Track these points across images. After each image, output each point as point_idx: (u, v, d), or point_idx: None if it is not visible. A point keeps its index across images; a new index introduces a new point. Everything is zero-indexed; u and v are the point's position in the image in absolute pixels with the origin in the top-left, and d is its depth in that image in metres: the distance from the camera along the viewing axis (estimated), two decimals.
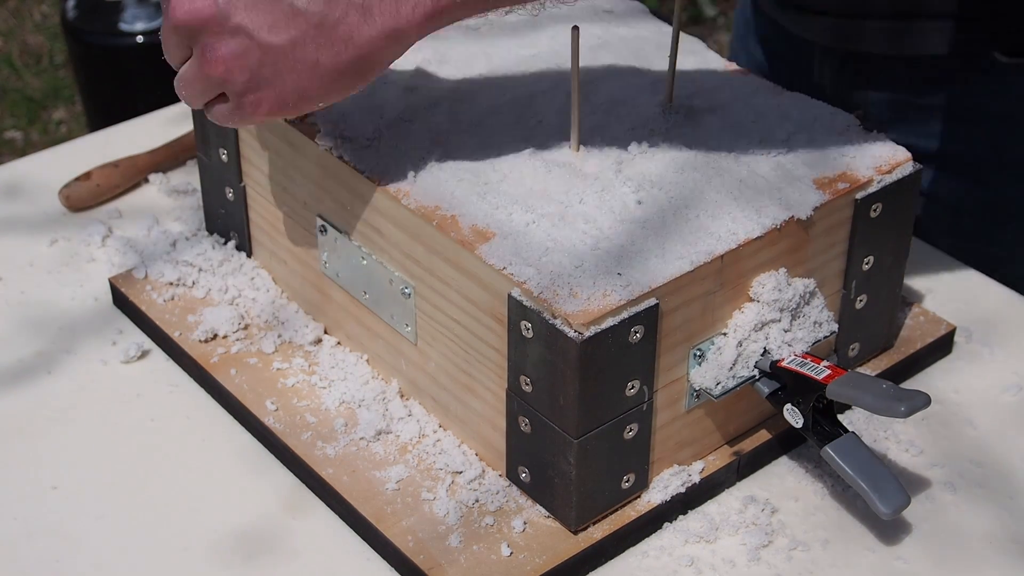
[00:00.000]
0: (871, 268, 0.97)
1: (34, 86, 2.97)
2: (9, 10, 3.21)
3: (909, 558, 0.90)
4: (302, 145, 0.98)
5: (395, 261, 0.93)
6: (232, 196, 1.08)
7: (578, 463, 0.85)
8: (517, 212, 0.88)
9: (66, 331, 1.08)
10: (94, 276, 1.12)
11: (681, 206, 0.88)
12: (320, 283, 1.02)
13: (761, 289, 0.89)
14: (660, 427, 0.89)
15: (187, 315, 1.05)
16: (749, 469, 0.95)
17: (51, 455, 0.98)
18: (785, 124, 0.97)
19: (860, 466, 0.88)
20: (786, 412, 0.90)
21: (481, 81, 0.98)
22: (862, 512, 0.92)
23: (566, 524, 0.89)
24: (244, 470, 0.96)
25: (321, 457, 0.94)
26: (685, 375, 0.89)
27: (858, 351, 1.00)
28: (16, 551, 0.91)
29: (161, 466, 0.96)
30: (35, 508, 0.94)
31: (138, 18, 2.22)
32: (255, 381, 1.00)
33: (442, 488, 0.91)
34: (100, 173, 1.20)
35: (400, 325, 0.95)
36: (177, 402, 1.02)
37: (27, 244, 1.16)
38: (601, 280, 0.83)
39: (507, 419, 0.89)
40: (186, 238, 1.13)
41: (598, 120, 0.95)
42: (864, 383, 0.87)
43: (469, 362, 0.90)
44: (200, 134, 1.09)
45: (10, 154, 2.76)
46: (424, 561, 0.87)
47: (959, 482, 0.95)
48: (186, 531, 0.92)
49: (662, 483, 0.91)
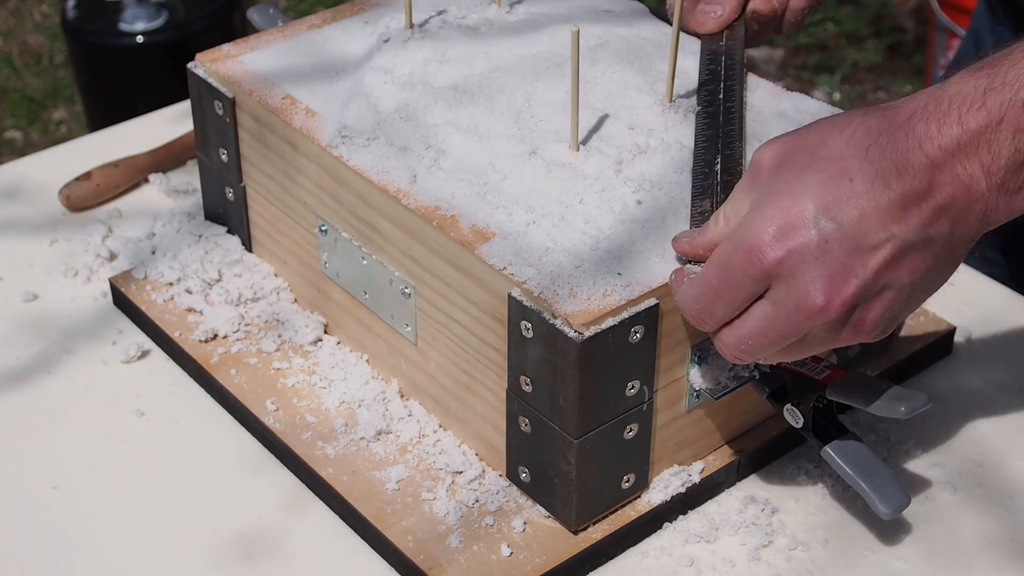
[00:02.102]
0: None
1: (34, 86, 2.97)
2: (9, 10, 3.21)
3: (909, 558, 0.90)
4: (302, 145, 0.98)
5: (395, 261, 0.93)
6: (232, 196, 1.08)
7: (578, 463, 0.85)
8: (517, 212, 0.88)
9: (66, 331, 1.08)
10: (94, 276, 1.12)
11: (681, 206, 0.88)
12: (320, 283, 1.02)
13: None
14: (660, 427, 0.89)
15: (187, 315, 1.05)
16: (749, 469, 0.95)
17: (51, 455, 0.98)
18: (784, 123, 0.97)
19: (860, 466, 0.88)
20: (786, 412, 0.90)
21: (481, 81, 0.98)
22: (862, 512, 0.92)
23: (566, 524, 0.89)
24: (244, 470, 0.96)
25: (321, 457, 0.94)
26: (685, 375, 0.89)
27: (858, 351, 1.00)
28: (16, 551, 0.91)
29: (161, 466, 0.96)
30: (35, 508, 0.94)
31: (138, 18, 2.22)
32: (255, 381, 1.00)
33: (442, 488, 0.91)
34: (100, 173, 1.20)
35: (400, 325, 0.95)
36: (177, 402, 1.02)
37: (27, 244, 1.16)
38: (601, 280, 0.83)
39: (507, 419, 0.89)
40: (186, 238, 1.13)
41: (598, 120, 0.95)
42: (864, 383, 0.87)
43: (469, 362, 0.90)
44: (200, 134, 1.09)
45: (10, 154, 2.76)
46: (424, 561, 0.87)
47: (959, 482, 0.95)
48: (186, 531, 0.92)
49: (662, 483, 0.91)
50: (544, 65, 1.00)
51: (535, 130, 0.94)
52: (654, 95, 0.97)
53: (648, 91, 0.98)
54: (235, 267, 1.08)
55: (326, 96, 1.00)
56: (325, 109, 0.98)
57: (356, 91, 0.99)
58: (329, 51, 1.05)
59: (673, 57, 0.94)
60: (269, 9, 1.22)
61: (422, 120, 0.95)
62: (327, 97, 1.00)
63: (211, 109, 1.05)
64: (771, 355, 0.80)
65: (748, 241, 0.76)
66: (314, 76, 1.02)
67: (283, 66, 1.04)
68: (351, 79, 1.01)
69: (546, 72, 1.00)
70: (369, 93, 0.98)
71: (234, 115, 1.03)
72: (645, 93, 0.98)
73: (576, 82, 0.89)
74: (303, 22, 1.09)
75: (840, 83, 2.94)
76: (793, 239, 0.75)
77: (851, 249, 0.74)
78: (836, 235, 0.74)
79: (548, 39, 1.04)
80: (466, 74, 0.99)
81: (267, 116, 1.00)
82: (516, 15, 1.07)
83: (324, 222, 0.98)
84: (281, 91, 1.00)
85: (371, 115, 0.96)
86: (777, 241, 0.75)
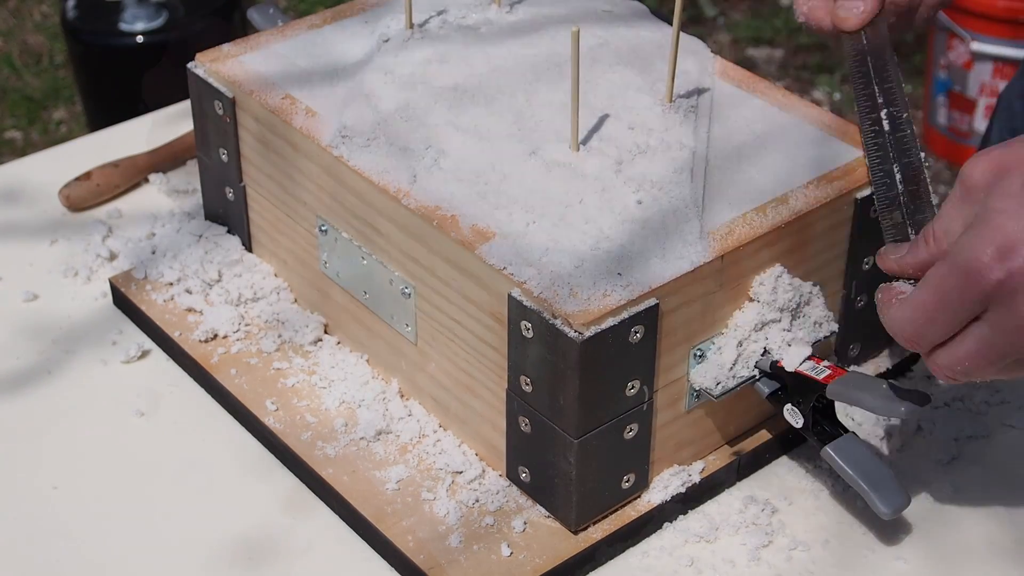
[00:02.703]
0: (871, 268, 0.97)
1: (34, 86, 2.97)
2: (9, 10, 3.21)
3: (909, 558, 0.90)
4: (302, 145, 0.98)
5: (395, 261, 0.93)
6: (232, 196, 1.08)
7: (578, 463, 0.85)
8: (517, 212, 0.88)
9: (66, 331, 1.08)
10: (94, 276, 1.12)
11: (681, 206, 0.88)
12: (320, 283, 1.02)
13: (761, 289, 0.89)
14: (660, 427, 0.89)
15: (187, 315, 1.05)
16: (749, 469, 0.95)
17: (51, 455, 0.98)
18: (784, 123, 0.97)
19: (860, 466, 0.88)
20: (786, 412, 0.90)
21: (481, 81, 0.98)
22: (862, 512, 0.92)
23: (566, 524, 0.89)
24: (244, 470, 0.96)
25: (321, 457, 0.94)
26: (685, 375, 0.89)
27: (858, 351, 1.00)
28: (16, 551, 0.91)
29: (161, 466, 0.96)
30: (35, 508, 0.94)
31: (138, 18, 2.22)
32: (255, 381, 1.00)
33: (442, 488, 0.91)
34: (100, 173, 1.20)
35: (400, 325, 0.95)
36: (177, 402, 1.02)
37: (27, 244, 1.16)
38: (601, 280, 0.83)
39: (507, 419, 0.89)
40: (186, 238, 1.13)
41: (598, 120, 0.95)
42: (864, 383, 0.87)
43: (469, 362, 0.90)
44: (200, 134, 1.09)
45: (10, 154, 2.76)
46: (424, 561, 0.87)
47: (959, 482, 0.95)
48: (186, 531, 0.92)
49: (662, 483, 0.91)
50: (544, 65, 1.00)
51: (535, 130, 0.94)
52: (654, 95, 0.97)
53: (648, 91, 0.98)
54: (235, 267, 1.08)
55: (326, 96, 1.00)
56: (325, 109, 0.98)
57: (356, 91, 0.99)
58: (329, 51, 1.05)
59: (673, 57, 0.94)
60: (269, 9, 1.22)
61: (422, 120, 0.95)
62: (327, 97, 1.00)
63: (211, 109, 1.05)
64: (988, 375, 0.77)
65: (966, 262, 0.73)
66: (314, 76, 1.02)
67: (283, 66, 1.04)
68: (351, 79, 1.01)
69: (546, 72, 1.00)
70: (369, 93, 0.98)
71: (234, 115, 1.03)
72: (645, 93, 0.98)
73: (576, 82, 0.89)
74: (303, 22, 1.10)
75: (840, 83, 2.94)
76: (1014, 260, 0.72)
77: None
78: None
79: (548, 39, 1.04)
80: (466, 74, 0.99)
81: (267, 116, 1.00)
82: (516, 15, 1.07)
83: (324, 222, 0.98)
84: (281, 91, 1.01)
85: (371, 115, 0.96)
86: (997, 262, 0.72)
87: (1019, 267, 0.72)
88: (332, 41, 1.06)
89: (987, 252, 0.73)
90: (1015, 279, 0.72)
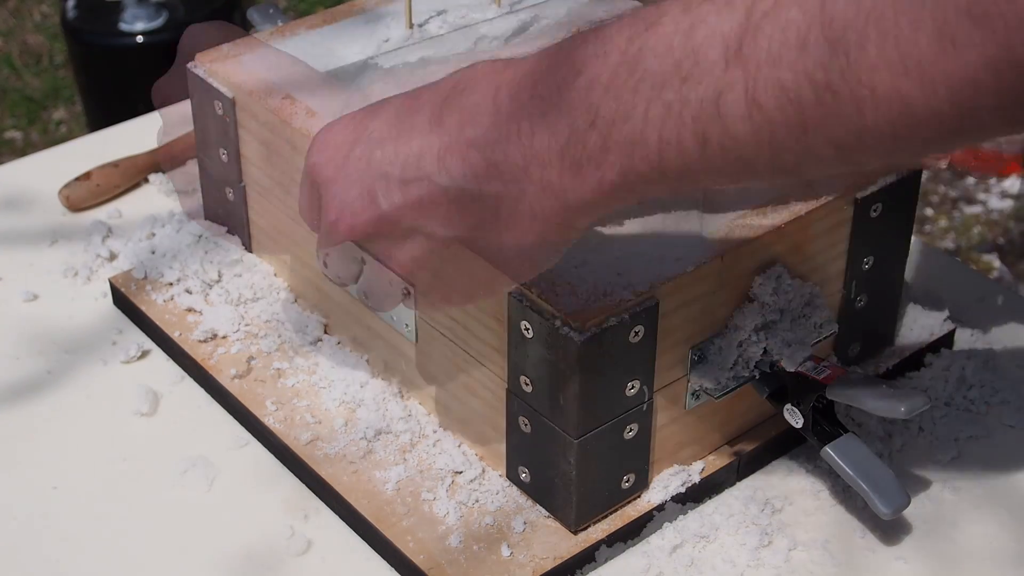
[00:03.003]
0: (871, 268, 0.97)
1: (34, 86, 2.98)
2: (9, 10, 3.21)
3: (909, 558, 0.90)
4: (302, 145, 0.97)
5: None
6: (232, 196, 1.08)
7: (578, 463, 0.85)
8: None
9: (66, 331, 1.08)
10: (94, 276, 1.12)
11: (681, 206, 0.88)
12: (320, 283, 1.02)
13: (761, 289, 0.89)
14: (660, 427, 0.89)
15: (187, 315, 1.05)
16: (749, 469, 0.95)
17: (51, 455, 0.98)
18: None
19: (860, 466, 0.88)
20: (786, 412, 0.90)
21: None
22: (862, 512, 0.92)
23: (566, 524, 0.89)
24: (244, 470, 0.96)
25: (321, 457, 0.94)
26: (685, 375, 0.89)
27: (858, 351, 1.00)
28: (16, 551, 0.91)
29: (161, 466, 0.96)
30: (35, 508, 0.94)
31: (138, 18, 2.22)
32: (255, 381, 1.00)
33: (442, 488, 0.91)
34: (100, 173, 1.20)
35: (400, 325, 0.95)
36: (177, 402, 1.02)
37: (27, 244, 1.16)
38: (601, 280, 0.83)
39: (507, 419, 0.89)
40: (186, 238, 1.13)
41: None
42: (864, 383, 0.87)
43: (469, 362, 0.90)
44: (200, 134, 1.09)
45: (10, 154, 2.76)
46: (424, 561, 0.87)
47: (960, 482, 0.95)
48: (185, 531, 0.92)
49: (662, 483, 0.91)
50: None
51: None
52: None
53: None
54: (235, 267, 1.08)
55: (326, 96, 1.00)
56: (325, 109, 0.98)
57: (356, 92, 0.98)
58: (329, 51, 1.05)
59: None
60: (269, 9, 1.22)
61: None
62: (327, 97, 1.00)
63: (211, 109, 1.05)
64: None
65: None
66: (314, 76, 1.02)
67: (283, 66, 1.04)
68: (351, 79, 1.01)
69: None
70: (369, 94, 0.98)
71: (234, 115, 1.03)
72: None
73: None
74: (303, 22, 1.09)
75: None
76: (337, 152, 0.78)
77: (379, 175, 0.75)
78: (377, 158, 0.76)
79: (548, 40, 1.03)
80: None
81: (267, 116, 1.00)
82: (516, 15, 1.07)
83: None
84: (281, 91, 1.00)
85: None
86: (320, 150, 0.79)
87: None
88: (332, 41, 1.06)
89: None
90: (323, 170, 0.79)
